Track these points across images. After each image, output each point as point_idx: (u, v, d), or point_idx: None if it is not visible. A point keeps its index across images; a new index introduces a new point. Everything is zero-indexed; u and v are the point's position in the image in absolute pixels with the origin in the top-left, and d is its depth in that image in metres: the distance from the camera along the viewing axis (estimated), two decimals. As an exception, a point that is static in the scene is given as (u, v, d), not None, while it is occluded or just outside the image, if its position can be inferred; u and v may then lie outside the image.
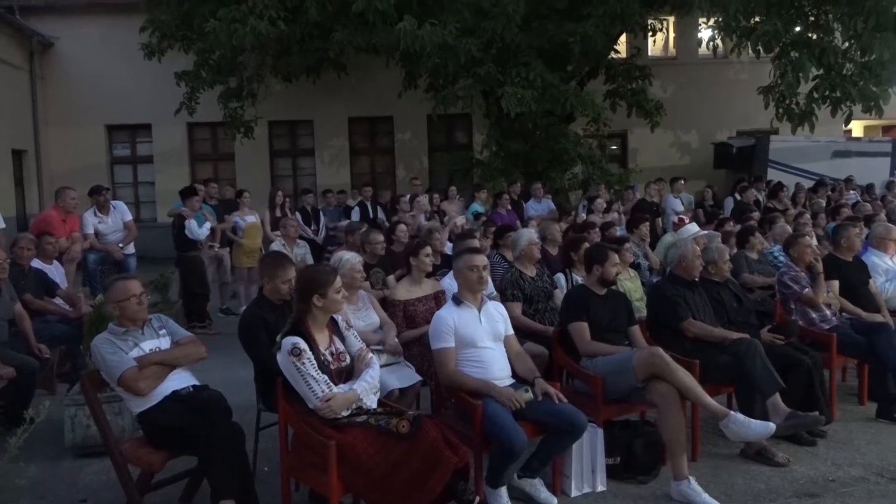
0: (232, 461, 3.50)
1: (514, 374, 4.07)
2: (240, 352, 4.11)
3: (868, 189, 13.59)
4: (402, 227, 7.05)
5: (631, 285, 5.97)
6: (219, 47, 11.48)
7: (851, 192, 13.11)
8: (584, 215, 9.55)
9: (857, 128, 20.15)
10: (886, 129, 22.07)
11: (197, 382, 3.86)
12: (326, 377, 3.42)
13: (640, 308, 5.54)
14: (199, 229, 8.64)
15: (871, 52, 10.28)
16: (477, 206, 10.74)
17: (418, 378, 4.49)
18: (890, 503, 3.86)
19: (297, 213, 10.27)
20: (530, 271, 5.52)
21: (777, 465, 4.32)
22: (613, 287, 4.81)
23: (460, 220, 8.82)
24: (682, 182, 11.90)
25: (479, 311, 4.08)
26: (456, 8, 10.87)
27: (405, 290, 5.10)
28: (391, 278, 5.78)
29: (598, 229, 7.22)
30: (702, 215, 11.21)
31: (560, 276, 5.85)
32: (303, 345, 3.41)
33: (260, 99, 13.47)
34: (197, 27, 11.41)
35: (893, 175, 15.65)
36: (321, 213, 10.72)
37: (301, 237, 8.98)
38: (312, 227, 10.33)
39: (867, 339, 5.24)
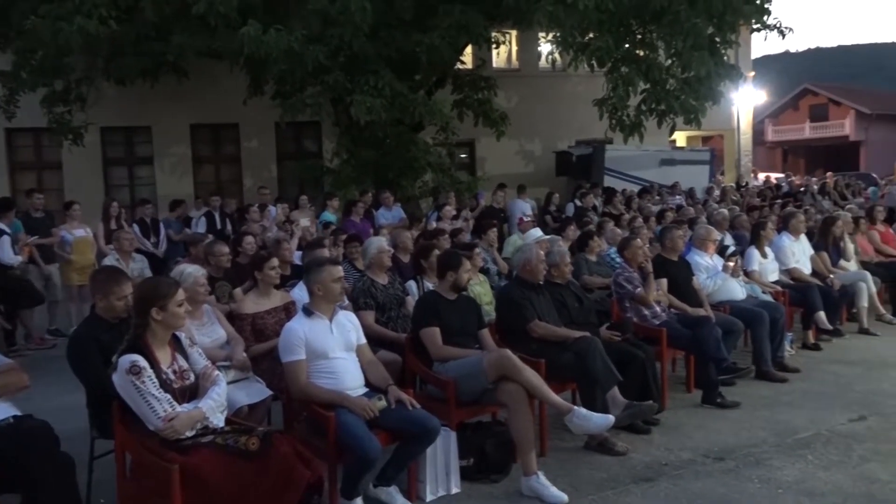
0: (60, 496, 3.22)
1: (368, 383, 4.05)
2: (69, 375, 3.80)
3: (690, 194, 14.81)
4: (249, 238, 6.84)
5: (481, 289, 6.14)
6: (41, 47, 10.59)
7: (677, 196, 14.24)
8: (434, 223, 9.71)
9: (680, 138, 21.99)
10: (706, 140, 24.24)
11: (18, 412, 3.51)
12: (169, 396, 3.24)
13: (490, 312, 5.71)
14: (9, 254, 7.82)
15: (690, 69, 11.26)
16: (328, 215, 10.62)
17: (269, 393, 4.35)
18: (715, 481, 4.21)
19: (135, 225, 9.67)
20: (382, 279, 5.53)
21: (617, 454, 4.59)
22: (464, 292, 4.93)
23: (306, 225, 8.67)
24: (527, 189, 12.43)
25: (331, 321, 4.03)
26: (303, 14, 10.72)
27: (253, 303, 4.94)
28: (238, 291, 5.58)
29: (447, 236, 7.36)
30: (550, 220, 11.75)
31: (412, 283, 5.90)
32: (142, 362, 3.21)
33: (90, 104, 12.58)
34: (16, 24, 10.46)
35: (712, 181, 17.21)
36: (161, 225, 10.16)
37: (139, 251, 8.47)
38: (152, 240, 9.77)
39: (692, 332, 5.70)
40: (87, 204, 9.92)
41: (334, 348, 3.95)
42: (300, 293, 4.98)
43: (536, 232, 7.77)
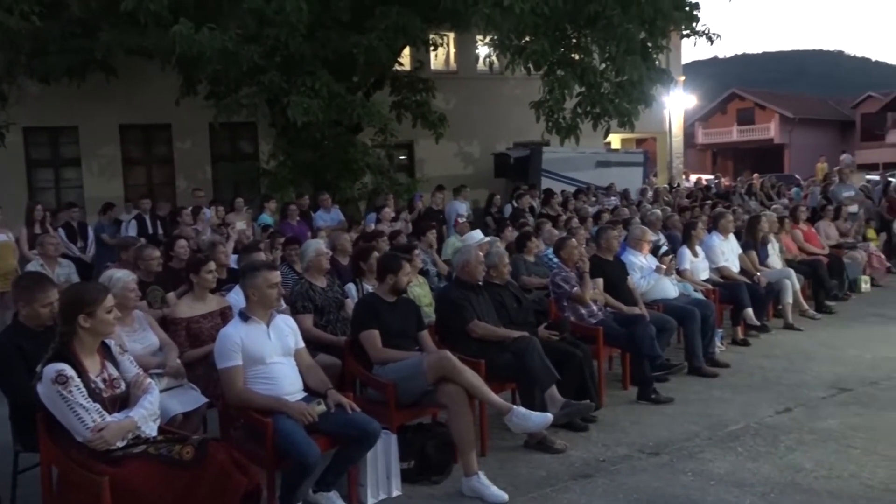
0: (-18, 513, 3.08)
1: (307, 388, 4.00)
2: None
3: (625, 195, 15.14)
4: (182, 241, 6.66)
5: (420, 291, 6.14)
6: (-43, 43, 10.12)
7: (612, 197, 14.54)
8: (372, 225, 9.66)
9: (615, 140, 22.47)
10: (639, 142, 24.86)
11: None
12: (98, 406, 3.13)
13: (429, 313, 5.72)
14: None
15: (624, 73, 11.52)
16: (266, 218, 10.45)
17: (204, 400, 4.26)
18: (651, 476, 4.31)
19: (61, 230, 9.32)
20: (320, 282, 5.47)
21: (556, 452, 4.65)
22: (403, 294, 4.92)
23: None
24: (468, 189, 12.49)
25: (268, 326, 3.97)
26: (237, 13, 10.52)
27: (188, 307, 4.82)
28: (171, 296, 5.43)
29: (386, 238, 7.33)
30: (491, 222, 11.84)
31: (351, 286, 5.86)
32: (69, 371, 3.09)
33: (12, 102, 12.04)
34: (-73, 18, 9.95)
35: (646, 182, 17.64)
36: (90, 229, 9.81)
37: (66, 256, 8.16)
38: (79, 244, 9.42)
39: (627, 331, 5.83)
40: (9, 207, 9.50)
41: (272, 353, 3.89)
42: (236, 297, 4.88)
43: (477, 234, 7.81)
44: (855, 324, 8.26)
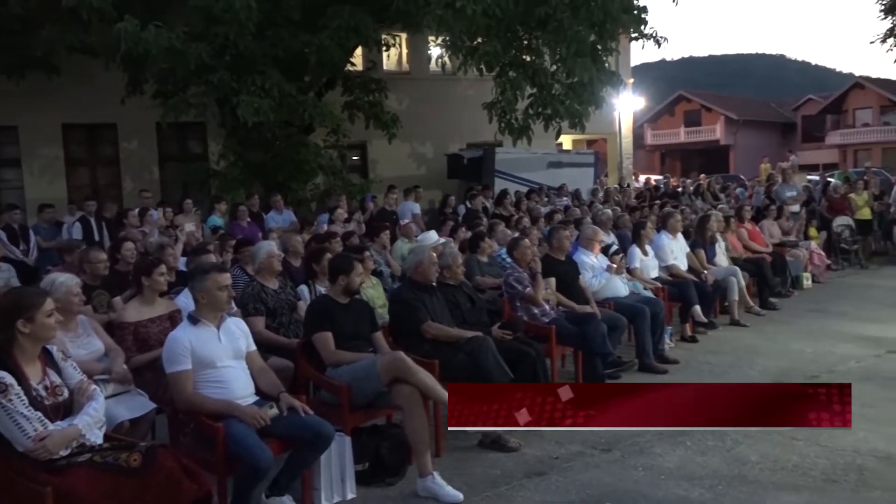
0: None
1: (259, 391, 3.95)
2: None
3: (576, 195, 15.33)
4: (129, 244, 6.49)
5: (374, 292, 6.12)
6: None
7: (564, 198, 14.70)
8: (325, 226, 9.58)
9: (566, 141, 22.74)
10: (590, 143, 25.21)
11: None
12: (40, 414, 3.03)
13: (383, 314, 5.70)
14: None
15: (574, 74, 11.67)
16: (215, 219, 10.28)
17: (152, 406, 4.15)
18: (603, 472, 4.38)
19: (2, 232, 9.01)
20: (272, 284, 5.40)
21: (511, 451, 4.68)
22: (356, 295, 4.89)
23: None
24: (420, 190, 12.47)
25: (219, 329, 3.90)
26: (184, 11, 10.32)
27: (135, 311, 4.70)
28: (118, 300, 5.29)
29: (338, 239, 7.28)
30: (447, 223, 11.81)
31: (303, 288, 5.80)
32: (9, 379, 2.99)
33: (-54, 101, 11.61)
34: None
35: (597, 183, 17.90)
36: (31, 232, 9.50)
37: (6, 259, 7.89)
38: (21, 247, 9.12)
39: (579, 329, 5.91)
40: (-56, 210, 9.15)
41: (222, 357, 3.83)
42: (186, 301, 4.79)
43: (432, 235, 7.82)
44: (797, 319, 8.52)
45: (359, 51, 14.15)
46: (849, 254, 12.36)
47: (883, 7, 18.74)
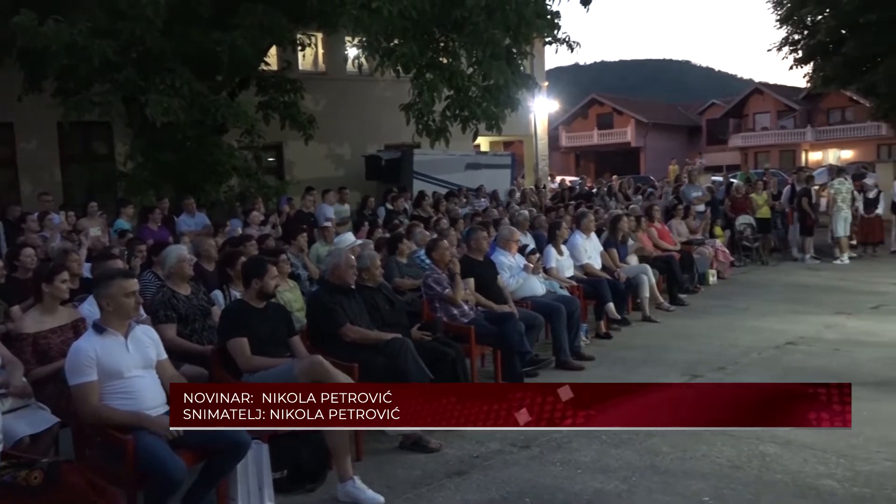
0: None
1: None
2: None
3: (494, 196, 15.51)
4: (28, 250, 6.15)
5: (291, 296, 6.02)
6: None
7: (482, 199, 14.86)
8: (239, 229, 9.35)
9: (484, 143, 23.00)
10: (507, 145, 25.57)
11: None
12: (-72, 434, 2.84)
13: (301, 318, 5.61)
14: None
15: (490, 77, 11.82)
16: (122, 223, 9.86)
17: (55, 420, 3.95)
18: (522, 468, 4.45)
19: None
20: (184, 290, 5.22)
21: (431, 451, 4.70)
22: (273, 299, 4.80)
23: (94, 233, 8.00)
24: (336, 193, 12.32)
25: (126, 337, 3.75)
26: (87, 5, 9.86)
27: (34, 322, 4.46)
28: (16, 309, 5.01)
29: (253, 242, 7.12)
30: (366, 224, 11.72)
31: (218, 293, 5.65)
32: None
33: None
34: None
35: (513, 184, 18.17)
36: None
37: None
38: None
39: (498, 328, 5.99)
40: None
41: (130, 366, 3.68)
42: (90, 309, 4.58)
43: (349, 237, 7.76)
44: (704, 314, 8.90)
45: (273, 50, 13.89)
46: (750, 251, 13.01)
47: (779, 17, 19.78)
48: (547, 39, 13.09)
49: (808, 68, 19.94)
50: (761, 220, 13.35)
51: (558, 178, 27.30)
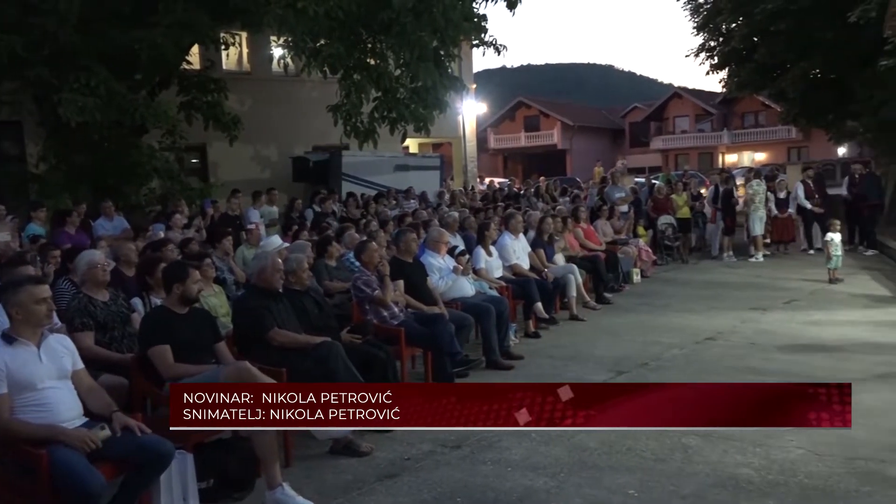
0: None
1: (88, 412, 3.66)
2: None
3: (423, 198, 15.54)
4: (-71, 256, 5.81)
5: (216, 301, 5.87)
6: None
7: (411, 201, 14.86)
8: (161, 233, 9.06)
9: (412, 145, 23.01)
10: (436, 147, 25.65)
11: None
12: None
13: (227, 323, 5.48)
14: None
15: (418, 79, 11.83)
16: (35, 227, 9.40)
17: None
18: (453, 469, 4.47)
19: None
20: (102, 296, 5.02)
21: (362, 455, 4.66)
22: (196, 305, 4.67)
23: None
24: (265, 195, 12.09)
25: (39, 347, 3.58)
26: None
27: (-64, 333, 4.20)
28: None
29: (173, 246, 6.90)
30: (294, 227, 11.53)
31: (137, 301, 5.45)
32: None
33: None
34: None
35: (442, 186, 18.25)
36: None
37: None
38: None
39: (428, 330, 5.99)
40: None
41: (43, 377, 3.51)
42: (-1, 318, 4.35)
43: (276, 240, 7.62)
44: (629, 312, 9.15)
45: (196, 49, 13.54)
46: (671, 250, 13.45)
47: (696, 25, 20.51)
48: (474, 42, 13.21)
49: (724, 74, 20.75)
50: (682, 220, 13.81)
51: (487, 180, 27.57)
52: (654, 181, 17.18)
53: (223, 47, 13.56)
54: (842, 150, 28.70)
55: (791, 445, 4.52)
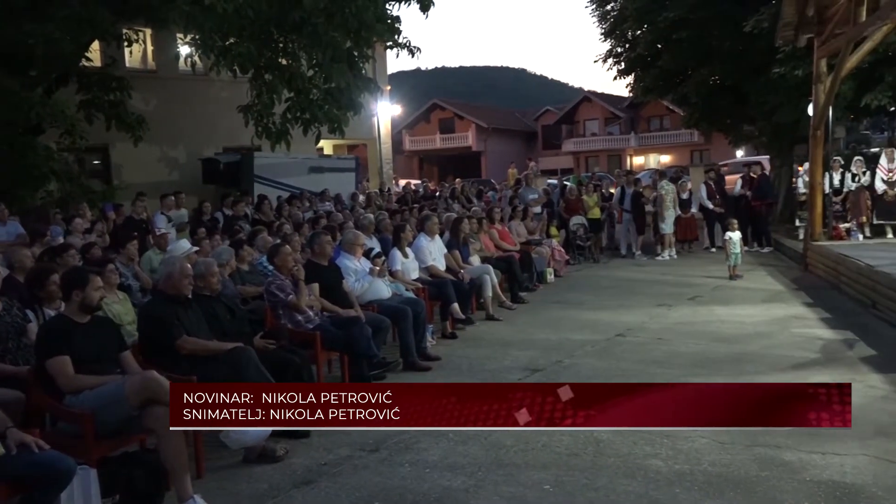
0: None
1: (-22, 430, 3.44)
2: None
3: (338, 200, 15.38)
4: None
5: (121, 308, 5.65)
6: None
7: (326, 203, 14.68)
8: (60, 238, 8.61)
9: (327, 146, 22.76)
10: (351, 148, 25.45)
11: None
12: None
13: (132, 332, 5.27)
14: None
15: (331, 80, 11.70)
16: (-82, 234, 8.78)
17: None
18: (371, 472, 4.43)
19: None
20: (-6, 306, 4.73)
21: (278, 460, 4.56)
22: (99, 313, 4.46)
23: None
24: (173, 198, 11.67)
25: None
26: None
27: None
28: None
29: (74, 252, 6.57)
30: (204, 232, 11.16)
31: (30, 313, 5.14)
32: None
33: None
34: None
35: (358, 187, 18.13)
36: None
37: None
38: None
39: (344, 333, 5.93)
40: None
41: (-73, 394, 3.27)
42: None
43: (184, 244, 7.37)
44: (543, 311, 9.33)
45: (96, 45, 12.95)
46: (583, 249, 13.81)
47: (603, 31, 21.12)
48: (388, 44, 13.17)
49: (630, 79, 21.43)
50: (593, 220, 14.20)
51: (402, 182, 27.57)
52: (565, 183, 17.60)
53: (126, 44, 13.03)
54: (740, 153, 30.19)
55: (695, 435, 4.72)
